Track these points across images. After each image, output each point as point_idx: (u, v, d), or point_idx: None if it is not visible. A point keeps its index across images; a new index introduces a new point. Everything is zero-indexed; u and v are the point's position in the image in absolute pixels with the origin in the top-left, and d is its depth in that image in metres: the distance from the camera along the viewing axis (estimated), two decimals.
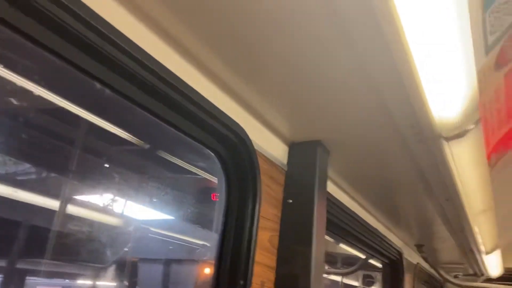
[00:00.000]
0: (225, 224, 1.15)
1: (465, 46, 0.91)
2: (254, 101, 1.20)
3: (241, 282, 1.09)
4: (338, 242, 2.84)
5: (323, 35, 0.94)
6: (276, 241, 1.29)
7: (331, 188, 1.69)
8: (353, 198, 1.93)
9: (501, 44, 1.10)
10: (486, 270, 3.40)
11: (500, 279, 3.85)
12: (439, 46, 0.89)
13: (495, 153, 1.70)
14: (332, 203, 1.70)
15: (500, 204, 2.40)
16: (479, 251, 2.69)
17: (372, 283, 5.80)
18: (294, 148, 1.40)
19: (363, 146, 1.43)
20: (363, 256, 3.11)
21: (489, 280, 3.84)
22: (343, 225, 1.92)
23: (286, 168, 1.38)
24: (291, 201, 1.33)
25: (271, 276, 1.24)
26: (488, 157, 1.63)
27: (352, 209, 1.91)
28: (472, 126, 1.20)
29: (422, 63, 0.94)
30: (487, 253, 2.79)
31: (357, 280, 6.60)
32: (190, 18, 0.90)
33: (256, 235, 1.16)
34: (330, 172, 1.65)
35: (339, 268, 4.62)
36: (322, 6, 0.86)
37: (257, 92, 1.17)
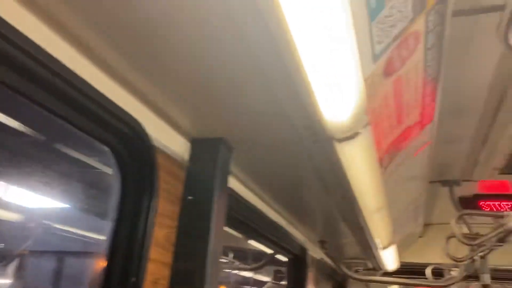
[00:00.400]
0: (119, 220, 1.12)
1: (352, 54, 0.96)
2: (154, 96, 1.19)
3: (133, 279, 1.07)
4: (247, 238, 2.88)
5: (219, 36, 0.95)
6: (173, 237, 1.28)
7: (235, 185, 1.72)
8: (258, 195, 1.98)
9: (388, 54, 1.19)
10: (383, 264, 3.64)
11: (396, 273, 4.14)
12: (327, 53, 0.94)
13: (387, 155, 1.82)
14: (236, 200, 1.73)
15: (394, 203, 2.58)
16: (376, 247, 2.87)
17: (282, 278, 5.98)
18: (196, 144, 1.40)
19: (265, 144, 1.47)
20: (271, 252, 3.19)
21: (387, 274, 4.11)
22: (248, 221, 1.96)
23: (187, 165, 1.38)
24: (191, 197, 1.34)
25: (166, 273, 1.24)
26: (380, 159, 1.75)
27: (257, 206, 1.95)
28: (362, 129, 1.28)
29: (313, 69, 0.98)
30: (384, 248, 2.99)
31: (268, 275, 6.74)
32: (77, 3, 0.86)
33: (152, 232, 1.15)
34: (235, 169, 1.68)
35: (249, 264, 4.70)
36: (216, 9, 0.87)
37: (158, 88, 1.16)
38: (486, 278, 2.69)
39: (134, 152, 1.14)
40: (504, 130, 2.06)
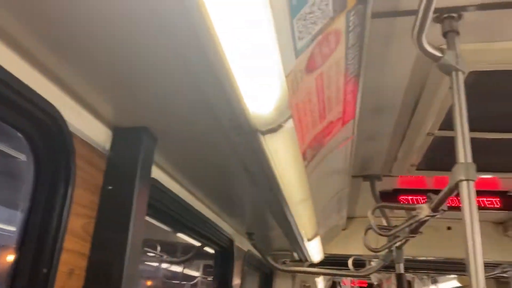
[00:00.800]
0: (31, 208, 1.08)
1: (273, 48, 0.99)
2: (73, 83, 1.15)
3: (44, 270, 1.04)
4: (175, 231, 2.85)
5: (142, 28, 0.95)
6: (91, 228, 1.25)
7: (160, 176, 1.70)
8: (184, 187, 1.97)
9: (310, 50, 1.23)
10: (309, 256, 3.75)
11: (321, 264, 4.29)
12: (249, 47, 0.96)
13: (310, 149, 1.89)
14: (162, 191, 1.71)
15: (318, 196, 2.68)
16: (302, 239, 2.96)
17: (212, 273, 5.99)
18: (119, 133, 1.37)
19: (189, 135, 1.46)
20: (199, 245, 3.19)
21: (313, 265, 4.25)
22: (174, 214, 1.94)
23: (108, 154, 1.34)
24: (111, 187, 1.31)
25: (82, 263, 1.20)
26: (304, 152, 1.81)
27: (183, 198, 1.95)
28: (284, 122, 1.32)
29: (235, 62, 1.00)
30: (309, 240, 3.09)
31: (198, 270, 6.72)
32: None
33: (66, 221, 1.11)
34: (160, 160, 1.66)
35: (178, 258, 4.67)
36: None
37: (78, 75, 1.12)
38: (401, 267, 2.87)
39: (49, 139, 1.10)
40: (420, 128, 2.20)
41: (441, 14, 1.45)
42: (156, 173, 1.65)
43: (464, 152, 1.29)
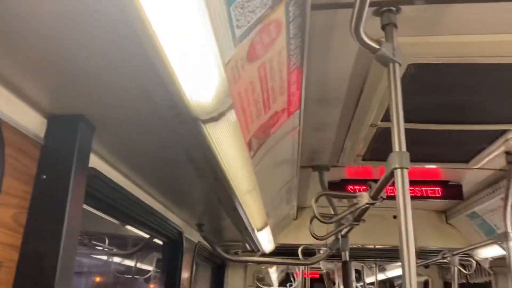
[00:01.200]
0: None
1: (208, 36, 0.98)
2: (4, 69, 1.10)
3: None
4: (121, 223, 2.80)
5: (75, 13, 0.92)
6: (23, 218, 1.21)
7: (100, 165, 1.66)
8: (128, 177, 1.93)
9: (250, 39, 1.23)
10: (260, 246, 3.79)
11: (273, 254, 4.34)
12: (183, 34, 0.95)
13: (256, 139, 1.90)
14: (102, 181, 1.67)
15: (266, 186, 2.70)
16: (252, 229, 2.98)
17: None
18: (54, 121, 1.32)
19: (130, 124, 1.44)
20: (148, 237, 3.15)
21: (264, 255, 4.30)
22: (118, 205, 1.91)
23: (42, 142, 1.30)
24: (45, 176, 1.26)
25: (13, 255, 1.16)
26: (249, 143, 1.82)
27: (127, 188, 1.91)
28: (225, 111, 1.32)
29: (171, 50, 0.98)
30: (259, 230, 3.12)
31: (151, 264, 6.65)
32: None
33: None
34: (100, 149, 1.62)
35: (128, 251, 4.59)
36: None
37: (9, 60, 1.07)
38: (346, 255, 2.96)
39: None
40: (363, 119, 2.25)
41: (380, 7, 1.49)
42: (96, 162, 1.61)
43: (398, 142, 1.33)
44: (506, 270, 2.59)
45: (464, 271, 4.35)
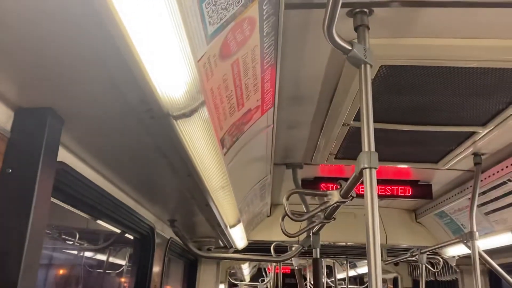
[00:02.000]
0: None
1: (178, 33, 0.98)
2: None
3: None
4: (92, 218, 2.76)
5: (44, 8, 0.90)
6: None
7: (70, 160, 1.63)
8: (98, 171, 1.90)
9: (223, 36, 1.23)
10: (233, 242, 3.80)
11: (246, 250, 4.36)
12: (153, 30, 0.94)
13: (229, 136, 1.90)
14: (71, 175, 1.64)
15: (240, 183, 2.71)
16: (225, 225, 2.98)
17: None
18: (21, 114, 1.29)
19: (100, 118, 1.42)
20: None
21: (237, 251, 4.31)
22: (86, 199, 1.88)
23: (8, 136, 1.27)
24: (10, 170, 1.24)
25: None
26: (222, 139, 1.82)
27: (97, 183, 1.88)
28: (197, 107, 1.31)
29: (141, 45, 0.97)
30: (231, 226, 3.12)
31: (124, 259, 6.58)
32: None
33: None
34: (70, 143, 1.59)
35: (99, 246, 4.53)
36: None
37: None
38: (317, 252, 2.99)
39: None
40: (336, 118, 2.28)
41: (353, 8, 1.51)
42: (65, 156, 1.58)
43: (368, 142, 1.35)
44: (471, 268, 2.66)
45: (432, 269, 4.46)
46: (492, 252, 3.31)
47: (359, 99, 1.42)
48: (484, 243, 3.30)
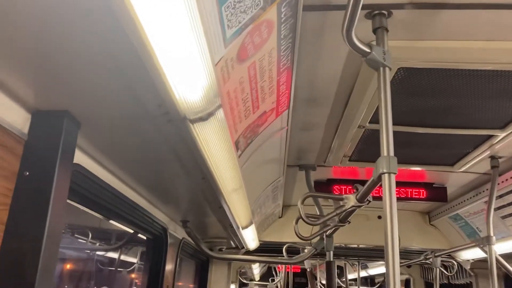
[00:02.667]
0: None
1: (198, 36, 0.97)
2: None
3: None
4: (105, 218, 2.77)
5: (62, 10, 0.90)
6: (4, 216, 1.18)
7: (86, 161, 1.63)
8: (113, 173, 1.91)
9: (241, 40, 1.22)
10: (245, 243, 3.79)
11: (257, 251, 4.35)
12: (173, 34, 0.93)
13: (243, 138, 1.89)
14: (86, 177, 1.64)
15: (253, 184, 2.70)
16: (237, 226, 2.97)
17: None
18: (38, 117, 1.29)
19: (116, 121, 1.41)
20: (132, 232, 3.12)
21: (248, 252, 4.30)
22: (101, 200, 1.88)
23: (26, 138, 1.27)
24: (28, 173, 1.24)
25: None
26: (236, 142, 1.81)
27: (111, 184, 1.89)
28: (214, 111, 1.30)
29: (161, 50, 0.96)
30: (244, 228, 3.11)
31: (135, 257, 6.62)
32: None
33: None
34: (86, 146, 1.59)
35: (112, 245, 4.56)
36: None
37: None
38: (331, 255, 2.97)
39: None
40: (352, 121, 2.26)
41: (372, 10, 1.48)
42: (81, 158, 1.58)
43: (387, 146, 1.33)
44: (487, 272, 2.62)
45: (445, 272, 4.41)
46: (508, 257, 3.26)
47: (377, 101, 1.40)
48: (501, 247, 3.25)
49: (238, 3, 1.07)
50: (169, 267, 3.00)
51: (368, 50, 1.37)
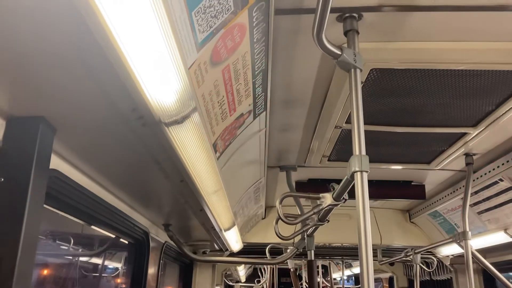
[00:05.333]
0: None
1: (169, 41, 0.98)
2: None
3: None
4: (86, 224, 2.76)
5: (33, 16, 0.91)
6: None
7: (63, 167, 1.64)
8: (92, 178, 1.91)
9: (213, 43, 1.24)
10: (228, 245, 3.80)
11: (241, 253, 4.36)
12: (145, 41, 0.95)
13: (222, 141, 1.91)
14: (65, 183, 1.65)
15: (234, 186, 2.72)
16: (219, 228, 2.99)
17: None
18: (13, 123, 1.30)
19: (92, 126, 1.42)
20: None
21: (232, 254, 4.31)
22: (79, 205, 1.88)
23: (0, 144, 1.27)
24: (3, 179, 1.24)
25: None
26: (214, 144, 1.82)
27: (90, 189, 1.89)
28: (189, 114, 1.32)
29: (131, 55, 0.98)
30: (226, 230, 3.13)
31: (119, 262, 6.57)
32: None
33: None
34: (63, 151, 1.60)
35: (95, 250, 4.52)
36: None
37: None
38: (312, 254, 3.00)
39: None
40: (329, 121, 2.29)
41: (343, 13, 1.52)
42: (58, 164, 1.58)
43: (358, 146, 1.37)
44: (465, 267, 2.69)
45: (426, 268, 4.48)
46: (485, 251, 3.34)
47: (350, 103, 1.43)
48: (477, 242, 3.33)
49: (209, 8, 1.09)
50: (151, 271, 2.99)
51: (339, 53, 1.41)
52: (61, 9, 0.92)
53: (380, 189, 3.43)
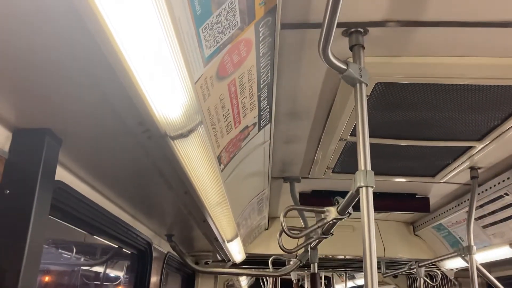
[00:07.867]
0: None
1: (176, 56, 0.99)
2: None
3: None
4: (89, 234, 2.76)
5: (37, 29, 0.91)
6: None
7: (68, 178, 1.64)
8: (96, 189, 1.91)
9: (220, 58, 1.25)
10: (231, 256, 3.78)
11: (244, 264, 4.34)
12: (153, 56, 0.96)
13: (226, 153, 1.91)
14: (70, 194, 1.65)
15: (238, 197, 2.71)
16: (222, 240, 2.98)
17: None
18: (19, 135, 1.30)
19: (98, 138, 1.43)
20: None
21: (235, 265, 4.29)
22: (83, 216, 1.88)
23: (6, 156, 1.28)
24: (8, 191, 1.24)
25: None
26: (219, 156, 1.83)
27: (95, 200, 1.89)
28: (195, 127, 1.32)
29: (138, 69, 0.98)
30: (229, 241, 3.12)
31: (121, 270, 6.55)
32: None
33: None
34: (69, 163, 1.60)
35: (98, 259, 4.50)
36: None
37: None
38: (315, 267, 2.99)
39: None
40: (333, 133, 2.29)
41: (348, 28, 1.53)
42: (63, 175, 1.59)
43: (364, 160, 1.36)
44: (470, 281, 2.66)
45: (430, 282, 4.45)
46: (490, 265, 3.31)
47: (355, 117, 1.43)
48: (482, 257, 3.30)
49: (216, 24, 1.09)
50: (153, 281, 2.98)
51: (344, 67, 1.41)
52: (67, 21, 0.93)
53: (385, 202, 3.41)
